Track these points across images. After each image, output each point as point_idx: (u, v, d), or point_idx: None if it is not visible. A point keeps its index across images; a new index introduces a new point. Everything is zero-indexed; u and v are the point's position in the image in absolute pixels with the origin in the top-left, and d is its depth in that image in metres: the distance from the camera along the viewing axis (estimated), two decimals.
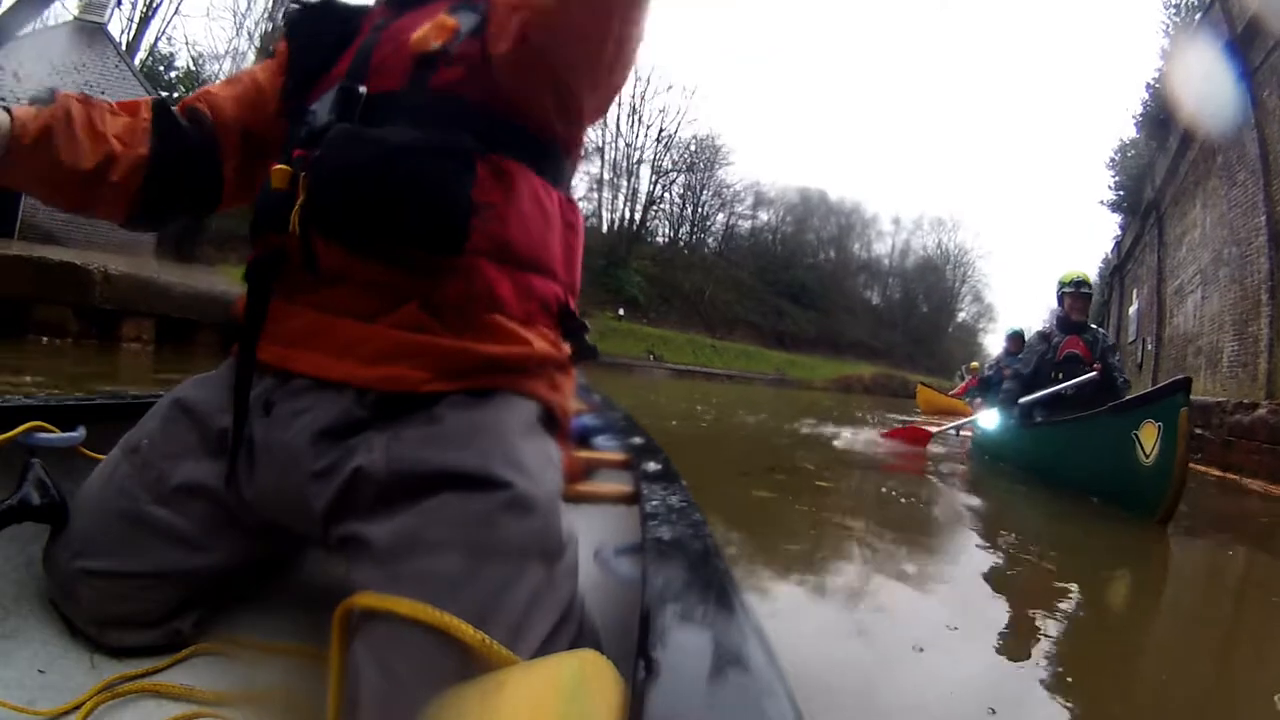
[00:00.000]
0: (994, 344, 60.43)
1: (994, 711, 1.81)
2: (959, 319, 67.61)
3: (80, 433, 1.21)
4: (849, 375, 41.65)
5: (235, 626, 1.09)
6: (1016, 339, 11.06)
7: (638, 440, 1.80)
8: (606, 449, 1.75)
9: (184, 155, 1.15)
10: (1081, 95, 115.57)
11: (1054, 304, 6.72)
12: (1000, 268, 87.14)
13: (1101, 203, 21.63)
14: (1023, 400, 6.50)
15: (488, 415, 0.96)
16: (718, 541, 0.94)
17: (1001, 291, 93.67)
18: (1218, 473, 8.19)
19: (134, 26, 29.96)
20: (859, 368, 46.96)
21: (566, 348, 1.10)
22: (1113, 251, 21.32)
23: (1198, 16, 14.66)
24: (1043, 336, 6.63)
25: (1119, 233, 21.07)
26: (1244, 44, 11.83)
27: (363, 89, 1.06)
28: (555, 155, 1.11)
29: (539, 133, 1.08)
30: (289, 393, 1.00)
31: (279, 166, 1.02)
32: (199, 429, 1.06)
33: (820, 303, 60.96)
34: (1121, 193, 20.27)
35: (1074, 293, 6.46)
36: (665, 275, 54.23)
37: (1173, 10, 16.49)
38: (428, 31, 1.06)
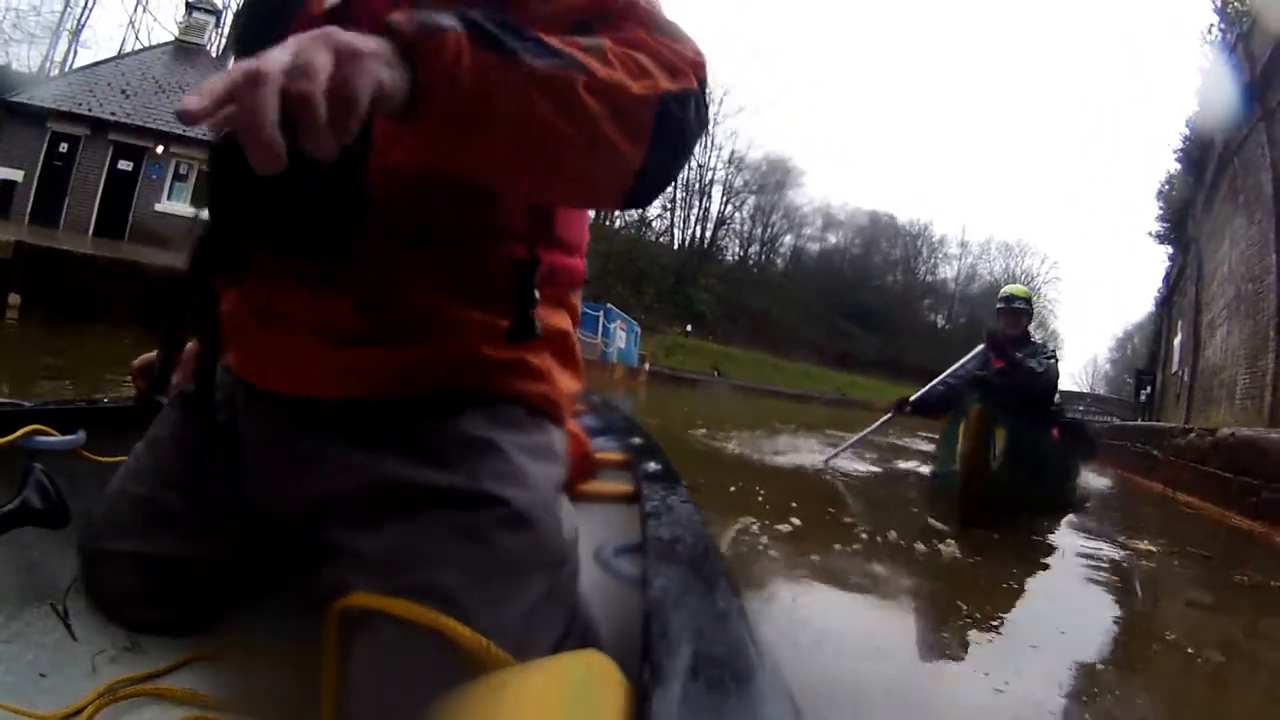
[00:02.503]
0: (1062, 371, 58.99)
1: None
2: None
3: (80, 436, 1.21)
4: (908, 396, 41.31)
5: (238, 630, 1.09)
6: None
7: (638, 440, 1.77)
8: (606, 449, 1.68)
9: None
10: (1142, 125, 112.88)
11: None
12: (1066, 294, 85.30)
13: (1149, 234, 21.54)
14: (913, 399, 6.87)
15: (470, 423, 0.91)
16: (716, 541, 0.95)
17: (1067, 319, 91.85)
18: (1161, 487, 8.91)
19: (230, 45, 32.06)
20: (919, 390, 46.37)
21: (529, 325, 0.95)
22: (1163, 283, 21.38)
23: (1225, 56, 15.01)
24: (983, 352, 6.72)
25: (1169, 264, 21.06)
26: (1262, 87, 12.30)
27: None
28: None
29: None
30: (254, 397, 0.99)
31: None
32: (204, 426, 1.06)
33: (885, 326, 60.20)
34: (1166, 224, 20.23)
35: (1004, 308, 6.56)
36: (733, 294, 54.95)
37: (1207, 47, 16.70)
38: None
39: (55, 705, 0.92)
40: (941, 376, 6.80)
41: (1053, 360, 6.19)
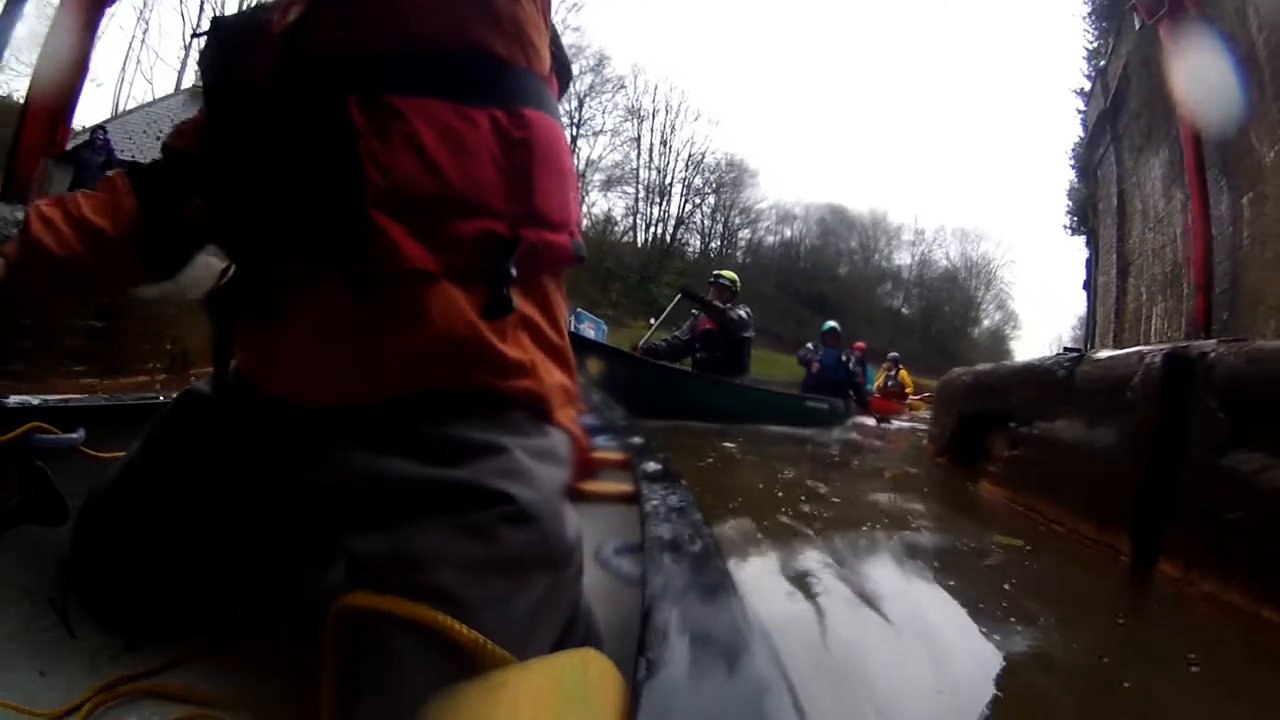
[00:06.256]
0: (1021, 350, 59.70)
1: None
2: (984, 325, 65.07)
3: (80, 434, 1.20)
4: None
5: (236, 629, 1.08)
6: (831, 334, 12.59)
7: (638, 440, 1.74)
8: (606, 449, 1.63)
9: (175, 194, 1.07)
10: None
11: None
12: (1023, 276, 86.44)
13: (1063, 226, 23.24)
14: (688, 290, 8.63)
15: (474, 426, 0.90)
16: (717, 540, 0.95)
17: (1025, 300, 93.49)
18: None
19: None
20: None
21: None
22: (1085, 268, 23.50)
23: (1090, 84, 17.44)
24: (697, 318, 8.44)
25: (1087, 253, 23.07)
26: (1113, 114, 14.55)
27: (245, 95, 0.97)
28: (476, 68, 0.93)
29: (449, 50, 0.92)
30: (261, 398, 1.00)
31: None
32: (205, 426, 1.07)
33: (842, 312, 59.09)
34: (1075, 219, 22.06)
35: (713, 283, 8.46)
36: (694, 287, 55.73)
37: (1086, 74, 19.03)
38: (287, 4, 0.98)
39: (54, 703, 0.92)
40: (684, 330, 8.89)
41: (742, 314, 8.29)
